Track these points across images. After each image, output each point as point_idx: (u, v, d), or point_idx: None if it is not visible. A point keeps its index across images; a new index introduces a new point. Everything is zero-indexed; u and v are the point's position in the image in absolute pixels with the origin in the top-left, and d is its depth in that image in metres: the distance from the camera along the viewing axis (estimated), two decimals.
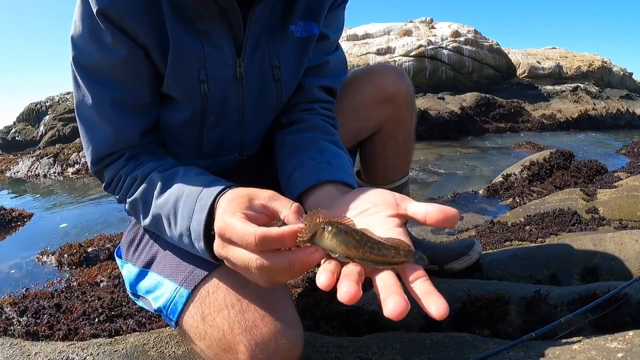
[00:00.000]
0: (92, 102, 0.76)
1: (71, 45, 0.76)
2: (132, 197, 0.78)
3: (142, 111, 0.80)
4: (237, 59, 0.81)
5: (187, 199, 0.67)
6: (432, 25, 11.09)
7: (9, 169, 5.68)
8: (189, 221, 0.66)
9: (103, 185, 0.85)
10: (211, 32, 0.77)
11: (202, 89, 0.80)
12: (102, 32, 0.72)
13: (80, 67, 0.76)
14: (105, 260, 1.98)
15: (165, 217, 0.72)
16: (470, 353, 0.91)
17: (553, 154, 3.29)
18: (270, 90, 0.88)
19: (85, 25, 0.73)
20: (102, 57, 0.74)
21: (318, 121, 0.94)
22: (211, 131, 0.87)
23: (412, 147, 1.24)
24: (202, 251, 0.66)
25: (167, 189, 0.72)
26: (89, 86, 0.76)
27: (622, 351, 0.79)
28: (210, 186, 0.66)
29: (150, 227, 0.79)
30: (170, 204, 0.70)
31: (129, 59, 0.74)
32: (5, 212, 3.00)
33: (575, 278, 1.31)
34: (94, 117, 0.78)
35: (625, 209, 2.02)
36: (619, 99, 10.04)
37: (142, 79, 0.78)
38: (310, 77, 0.95)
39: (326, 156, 0.83)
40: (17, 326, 1.16)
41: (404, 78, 1.11)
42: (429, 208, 0.52)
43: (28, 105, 9.32)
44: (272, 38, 0.84)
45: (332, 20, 0.94)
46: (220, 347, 0.73)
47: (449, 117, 6.59)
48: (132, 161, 0.80)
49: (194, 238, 0.66)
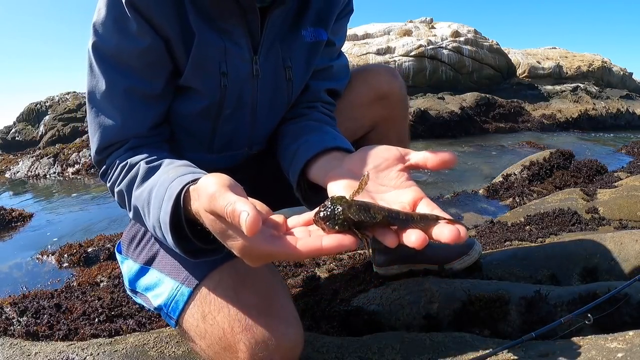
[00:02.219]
0: (106, 88, 0.78)
1: (92, 31, 0.77)
2: (118, 188, 0.77)
3: (153, 103, 0.81)
4: (254, 56, 0.85)
5: (160, 188, 0.66)
6: (432, 25, 11.09)
7: (9, 169, 5.68)
8: (159, 211, 0.64)
9: (99, 172, 0.84)
10: (231, 31, 0.81)
11: (222, 81, 0.82)
12: (128, 21, 0.74)
13: (99, 53, 0.77)
14: (105, 260, 1.98)
15: (141, 208, 0.70)
16: (470, 353, 0.91)
17: (553, 154, 3.29)
18: (282, 89, 0.92)
19: (110, 12, 0.74)
20: (123, 45, 0.75)
21: (320, 115, 0.97)
22: (225, 124, 0.89)
23: (406, 145, 1.25)
24: (172, 244, 0.63)
25: (146, 179, 0.72)
26: (105, 73, 0.77)
27: (622, 351, 0.79)
28: (185, 175, 0.64)
29: (134, 219, 0.77)
30: (145, 195, 0.69)
31: (150, 49, 0.76)
32: (5, 212, 3.00)
33: (575, 278, 1.30)
34: (105, 105, 0.79)
35: (625, 208, 2.02)
36: (619, 99, 10.04)
37: (159, 71, 0.80)
38: (316, 80, 0.99)
39: (331, 135, 0.85)
40: (17, 326, 1.16)
41: (396, 77, 1.14)
42: (427, 155, 0.61)
43: (28, 105, 9.32)
44: (285, 41, 0.89)
45: (338, 29, 1.01)
46: (220, 346, 0.73)
47: (449, 117, 6.59)
48: (130, 151, 0.80)
49: (163, 230, 0.63)
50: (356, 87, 1.09)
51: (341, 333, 1.11)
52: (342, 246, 0.48)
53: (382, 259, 1.34)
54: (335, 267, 1.58)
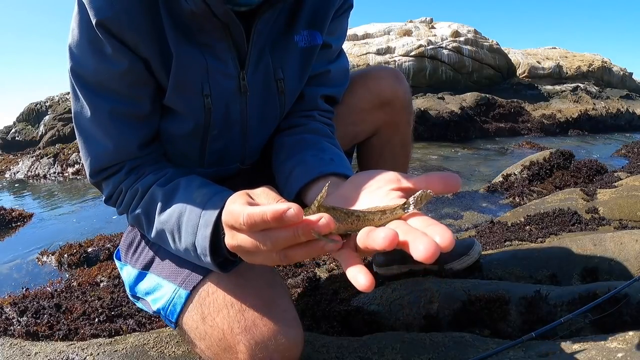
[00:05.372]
0: (91, 114, 0.75)
1: (69, 54, 0.74)
2: (134, 212, 0.77)
3: (141, 122, 0.79)
4: (241, 71, 0.80)
5: (191, 214, 0.67)
6: (432, 25, 11.08)
7: (9, 169, 5.68)
8: (194, 237, 0.66)
9: (103, 198, 0.84)
10: (213, 45, 0.76)
11: (205, 103, 0.78)
12: (102, 44, 0.70)
13: (78, 78, 0.74)
14: (105, 260, 1.98)
15: (169, 232, 0.71)
16: (470, 353, 0.91)
17: (553, 153, 3.29)
18: (273, 102, 0.87)
19: (84, 35, 0.71)
20: (101, 68, 0.72)
21: (318, 125, 0.93)
22: (213, 143, 0.86)
23: (410, 149, 1.24)
24: (209, 265, 0.66)
25: (169, 204, 0.71)
26: (87, 98, 0.75)
27: (622, 351, 0.79)
28: (213, 200, 0.65)
29: (155, 241, 0.78)
30: (173, 220, 0.70)
31: (130, 71, 0.73)
32: (5, 212, 3.00)
33: (575, 278, 1.30)
34: (93, 130, 0.77)
35: (625, 209, 2.02)
36: (619, 99, 10.03)
37: (143, 90, 0.76)
38: (312, 86, 0.94)
39: (328, 154, 0.82)
40: (17, 326, 1.16)
41: (401, 81, 1.09)
42: (430, 177, 0.52)
43: (28, 105, 9.31)
44: (276, 49, 0.83)
45: (336, 28, 0.93)
46: (220, 347, 0.73)
47: (449, 117, 6.59)
48: (132, 174, 0.78)
49: (200, 253, 0.66)
50: (357, 92, 1.05)
51: (341, 333, 1.11)
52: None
53: (382, 259, 1.34)
54: (335, 267, 1.58)
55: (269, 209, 0.47)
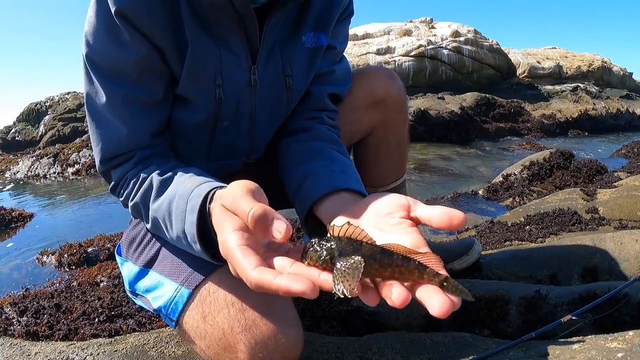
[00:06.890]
0: (105, 99, 0.77)
1: (84, 42, 0.76)
2: (133, 201, 0.78)
3: (154, 110, 0.81)
4: (252, 65, 0.83)
5: (179, 200, 0.67)
6: (432, 25, 11.08)
7: (9, 169, 5.68)
8: (183, 223, 0.66)
9: (110, 187, 0.85)
10: (228, 38, 0.79)
11: (217, 93, 0.81)
12: (120, 31, 0.72)
13: (94, 64, 0.76)
14: (105, 260, 1.98)
15: (162, 220, 0.72)
16: (470, 353, 0.91)
17: (553, 153, 3.29)
18: (281, 98, 0.90)
19: (101, 23, 0.73)
20: (118, 55, 0.74)
21: (325, 131, 0.95)
22: (222, 135, 0.88)
23: (406, 148, 1.24)
24: (200, 253, 0.66)
25: (163, 192, 0.72)
26: (102, 83, 0.76)
27: (622, 351, 0.79)
28: (201, 186, 0.66)
29: (153, 231, 0.79)
30: (164, 207, 0.70)
31: (145, 59, 0.75)
32: (5, 212, 3.00)
33: (575, 278, 1.30)
34: (106, 114, 0.78)
35: (625, 208, 2.02)
36: (619, 98, 10.03)
37: (156, 78, 0.78)
38: (318, 84, 0.97)
39: (338, 165, 0.83)
40: (17, 326, 1.16)
41: (394, 80, 1.11)
42: (434, 211, 0.52)
43: (28, 105, 9.32)
44: (285, 48, 0.87)
45: (339, 31, 0.98)
46: (220, 347, 0.73)
47: (449, 117, 6.58)
48: (140, 165, 0.80)
49: (190, 240, 0.66)
50: (352, 91, 1.07)
51: (341, 333, 1.11)
52: (290, 292, 0.44)
53: None
54: None
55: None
